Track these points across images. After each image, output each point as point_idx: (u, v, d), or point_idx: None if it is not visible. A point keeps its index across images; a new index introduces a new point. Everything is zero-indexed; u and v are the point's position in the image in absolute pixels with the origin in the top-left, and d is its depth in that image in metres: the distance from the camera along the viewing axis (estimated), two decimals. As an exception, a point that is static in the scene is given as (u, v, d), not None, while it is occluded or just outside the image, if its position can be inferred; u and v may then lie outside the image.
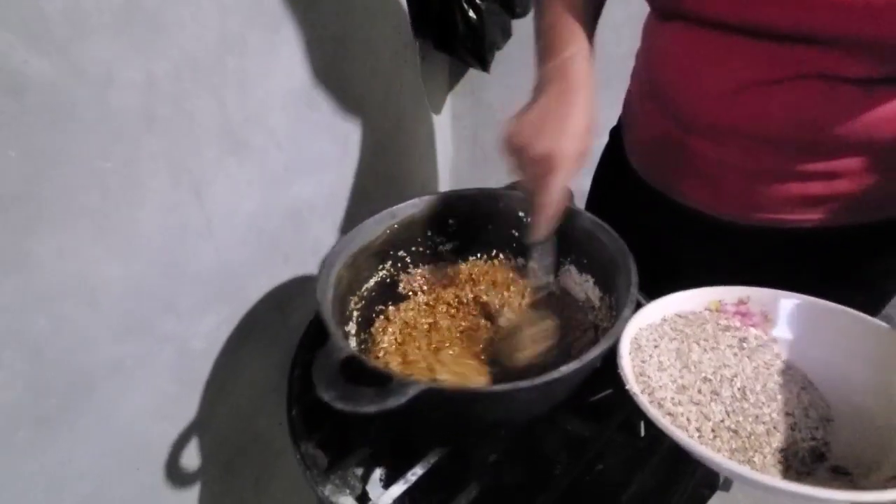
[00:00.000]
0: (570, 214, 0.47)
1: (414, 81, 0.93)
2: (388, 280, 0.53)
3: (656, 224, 0.54)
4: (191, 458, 0.54)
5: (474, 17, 0.90)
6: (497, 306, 0.53)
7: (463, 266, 0.56)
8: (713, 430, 0.35)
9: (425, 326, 0.51)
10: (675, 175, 0.51)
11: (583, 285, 0.52)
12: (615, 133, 0.63)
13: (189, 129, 0.44)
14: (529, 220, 0.42)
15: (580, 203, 0.60)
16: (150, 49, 0.39)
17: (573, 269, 0.53)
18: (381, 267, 0.52)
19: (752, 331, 0.41)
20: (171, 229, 0.44)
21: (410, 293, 0.54)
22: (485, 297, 0.53)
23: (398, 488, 0.39)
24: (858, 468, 0.33)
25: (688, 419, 0.36)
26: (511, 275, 0.55)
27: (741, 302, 0.42)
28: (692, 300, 0.42)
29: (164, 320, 0.46)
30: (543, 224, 0.42)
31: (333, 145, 0.68)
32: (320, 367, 0.33)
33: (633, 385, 0.36)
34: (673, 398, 0.37)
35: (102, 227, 0.38)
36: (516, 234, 0.54)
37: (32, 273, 0.35)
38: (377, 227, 0.49)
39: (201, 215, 0.47)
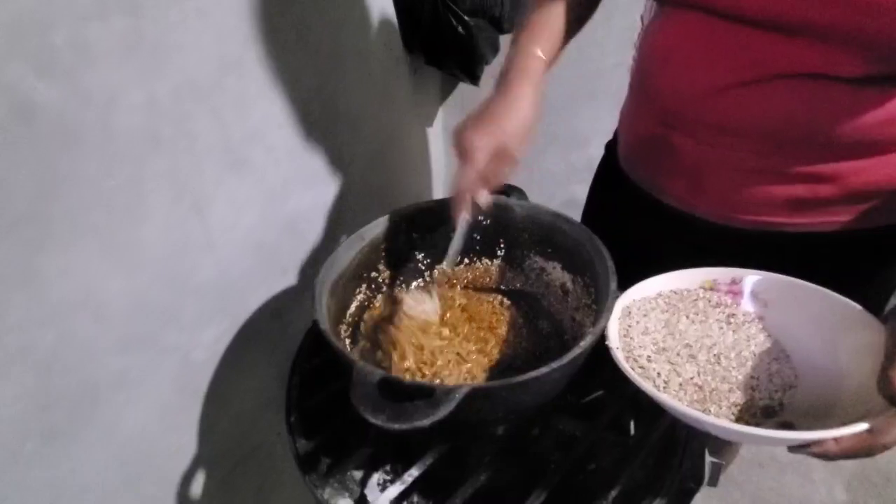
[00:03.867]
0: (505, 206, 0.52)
1: (406, 95, 0.95)
2: (366, 304, 0.53)
3: (645, 229, 0.55)
4: (192, 468, 0.55)
5: (463, 32, 0.93)
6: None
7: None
8: (680, 385, 0.40)
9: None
10: (659, 173, 0.52)
11: (552, 272, 0.56)
12: (611, 146, 0.64)
13: (191, 149, 0.46)
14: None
15: (576, 213, 0.62)
16: (153, 73, 0.41)
17: (539, 259, 0.56)
18: (357, 291, 0.52)
19: (742, 308, 0.45)
20: (174, 244, 0.46)
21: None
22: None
23: (395, 489, 0.40)
24: (804, 423, 0.37)
25: (658, 374, 0.40)
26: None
27: (734, 282, 0.46)
28: (688, 278, 0.46)
29: (167, 333, 0.47)
30: (454, 207, 0.45)
31: (329, 159, 0.70)
32: (360, 396, 0.33)
33: (612, 340, 0.40)
34: (649, 356, 0.41)
35: (108, 244, 0.40)
36: (477, 237, 0.57)
37: (41, 289, 0.36)
38: (349, 251, 0.49)
39: (202, 230, 0.48)
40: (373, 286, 0.54)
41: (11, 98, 0.32)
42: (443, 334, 0.49)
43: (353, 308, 0.51)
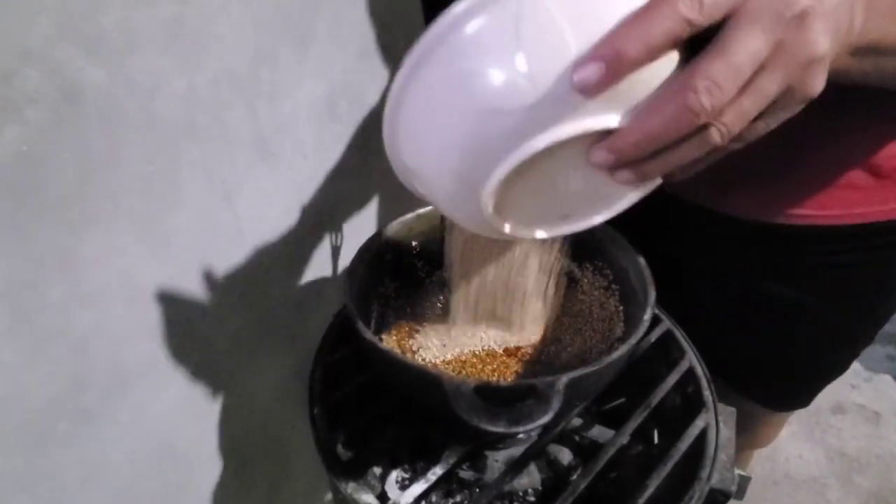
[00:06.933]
0: None
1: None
2: (380, 322, 0.50)
3: (658, 235, 0.52)
4: (211, 457, 0.55)
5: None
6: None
7: None
8: None
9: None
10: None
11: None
12: None
13: (225, 138, 0.46)
14: None
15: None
16: (193, 61, 0.42)
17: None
18: (372, 309, 0.49)
19: None
20: (205, 233, 0.46)
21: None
22: None
23: (419, 487, 0.40)
24: None
25: None
26: None
27: None
28: None
29: (194, 320, 0.47)
30: None
31: (353, 156, 0.70)
32: (464, 408, 0.31)
33: None
34: None
35: (144, 230, 0.40)
36: None
37: (79, 270, 0.36)
38: (361, 265, 0.46)
39: (233, 220, 0.49)
40: (382, 301, 0.52)
41: (61, 78, 0.33)
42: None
43: (372, 328, 0.49)
